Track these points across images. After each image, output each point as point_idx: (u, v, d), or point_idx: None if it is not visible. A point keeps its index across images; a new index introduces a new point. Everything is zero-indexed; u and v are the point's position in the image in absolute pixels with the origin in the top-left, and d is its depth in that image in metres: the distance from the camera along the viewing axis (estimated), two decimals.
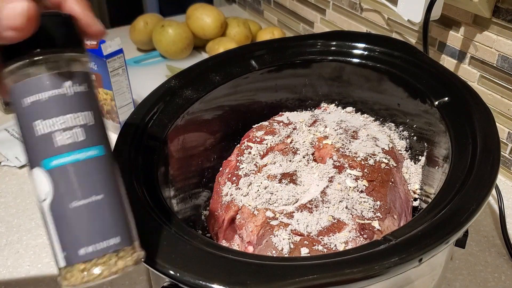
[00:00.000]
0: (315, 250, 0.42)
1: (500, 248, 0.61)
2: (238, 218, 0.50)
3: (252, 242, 0.47)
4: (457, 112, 0.50)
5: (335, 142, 0.55)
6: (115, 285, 0.57)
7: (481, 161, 0.42)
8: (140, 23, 1.08)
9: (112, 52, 0.76)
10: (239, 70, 0.61)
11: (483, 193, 0.39)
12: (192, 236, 0.38)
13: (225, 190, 0.53)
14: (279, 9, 1.20)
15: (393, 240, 0.36)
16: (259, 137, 0.59)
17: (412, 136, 0.60)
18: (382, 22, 0.87)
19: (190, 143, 0.57)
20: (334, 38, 0.64)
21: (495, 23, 0.66)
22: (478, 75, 0.71)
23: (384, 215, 0.47)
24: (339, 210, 0.47)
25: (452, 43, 0.74)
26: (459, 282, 0.56)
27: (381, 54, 0.61)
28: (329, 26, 1.02)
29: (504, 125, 0.69)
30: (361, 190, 0.49)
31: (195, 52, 1.10)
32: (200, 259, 0.35)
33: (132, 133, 0.49)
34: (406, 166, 0.57)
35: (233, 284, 0.33)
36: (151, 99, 0.54)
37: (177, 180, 0.53)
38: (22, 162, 0.76)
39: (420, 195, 0.55)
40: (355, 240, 0.44)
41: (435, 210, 0.39)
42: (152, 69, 1.03)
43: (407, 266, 0.34)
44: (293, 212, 0.47)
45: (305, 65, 0.64)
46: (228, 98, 0.61)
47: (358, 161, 0.52)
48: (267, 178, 0.52)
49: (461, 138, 0.46)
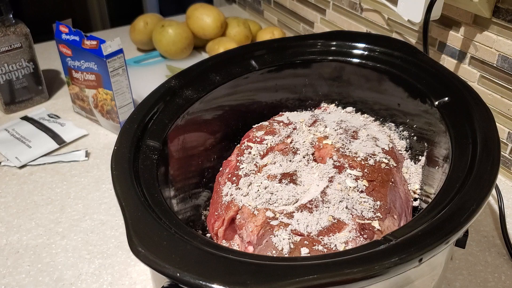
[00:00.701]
0: (315, 250, 0.42)
1: (500, 248, 0.61)
2: (238, 218, 0.50)
3: (252, 242, 0.47)
4: (457, 112, 0.50)
5: (335, 142, 0.55)
6: (115, 285, 0.57)
7: (481, 161, 0.42)
8: (140, 23, 1.08)
9: (112, 52, 0.76)
10: (239, 70, 0.61)
11: (483, 193, 0.39)
12: (192, 236, 0.38)
13: (225, 190, 0.53)
14: (279, 9, 1.20)
15: (393, 240, 0.36)
16: (259, 137, 0.59)
17: (412, 136, 0.60)
18: (382, 22, 0.87)
19: (190, 143, 0.57)
20: (334, 38, 0.64)
21: (495, 23, 0.66)
22: (478, 75, 0.71)
23: (384, 215, 0.47)
24: (339, 210, 0.47)
25: (452, 43, 0.74)
26: (459, 282, 0.56)
27: (381, 54, 0.61)
28: (329, 26, 1.02)
29: (504, 125, 0.69)
30: (361, 190, 0.49)
31: (195, 52, 1.10)
32: (200, 259, 0.35)
33: (132, 133, 0.49)
34: (406, 166, 0.58)
35: (233, 284, 0.33)
36: (151, 99, 0.54)
37: (177, 180, 0.53)
38: (22, 162, 0.76)
39: (420, 195, 0.55)
40: (355, 240, 0.44)
41: (435, 210, 0.39)
42: (152, 69, 1.03)
43: (407, 266, 0.34)
44: (293, 212, 0.47)
45: (305, 65, 0.64)
46: (228, 98, 0.61)
47: (358, 161, 0.52)
48: (267, 178, 0.52)
49: (461, 138, 0.46)
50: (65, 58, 0.83)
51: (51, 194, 0.71)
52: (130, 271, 0.58)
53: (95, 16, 2.01)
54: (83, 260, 0.60)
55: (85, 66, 0.80)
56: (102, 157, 0.79)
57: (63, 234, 0.64)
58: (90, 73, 0.80)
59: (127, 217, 0.39)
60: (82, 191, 0.72)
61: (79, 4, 1.97)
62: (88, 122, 0.88)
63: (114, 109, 0.81)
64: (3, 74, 0.86)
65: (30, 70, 0.90)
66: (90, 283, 0.57)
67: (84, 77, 0.82)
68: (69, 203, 0.69)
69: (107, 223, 0.66)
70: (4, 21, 0.84)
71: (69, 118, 0.88)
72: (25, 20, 0.89)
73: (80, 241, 0.63)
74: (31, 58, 0.89)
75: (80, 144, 0.82)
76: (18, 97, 0.90)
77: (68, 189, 0.72)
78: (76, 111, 0.90)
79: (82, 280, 0.57)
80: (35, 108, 0.93)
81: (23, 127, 0.85)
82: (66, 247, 0.62)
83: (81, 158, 0.78)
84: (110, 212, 0.68)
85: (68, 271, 0.59)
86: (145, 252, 0.35)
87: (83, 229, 0.65)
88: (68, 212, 0.68)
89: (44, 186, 0.73)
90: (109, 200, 0.70)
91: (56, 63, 1.06)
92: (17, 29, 0.86)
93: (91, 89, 0.82)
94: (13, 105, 0.90)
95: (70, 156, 0.78)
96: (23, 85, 0.90)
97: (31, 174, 0.75)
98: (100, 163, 0.77)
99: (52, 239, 0.63)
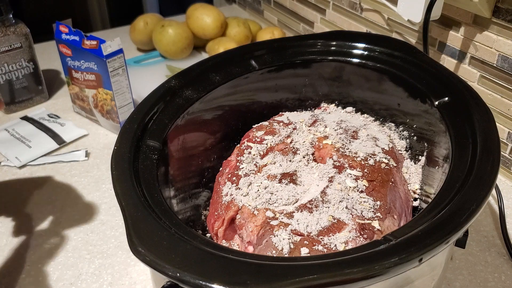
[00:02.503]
0: (315, 250, 0.42)
1: (500, 248, 0.61)
2: (238, 218, 0.50)
3: (252, 242, 0.47)
4: (457, 112, 0.50)
5: (335, 142, 0.55)
6: (115, 285, 0.57)
7: (481, 161, 0.42)
8: (140, 23, 1.08)
9: (112, 52, 0.76)
10: (239, 70, 0.61)
11: (483, 193, 0.39)
12: (192, 236, 0.38)
13: (225, 190, 0.53)
14: (279, 9, 1.20)
15: (393, 240, 0.36)
16: (259, 137, 0.59)
17: (412, 136, 0.60)
18: (382, 22, 0.87)
19: (190, 143, 0.57)
20: (334, 38, 0.64)
21: (495, 23, 0.66)
22: (478, 75, 0.71)
23: (384, 215, 0.47)
24: (339, 210, 0.47)
25: (452, 43, 0.74)
26: (459, 282, 0.56)
27: (381, 54, 0.61)
28: (329, 26, 1.02)
29: (504, 125, 0.69)
30: (361, 190, 0.49)
31: (195, 52, 1.10)
32: (200, 259, 0.35)
33: (132, 133, 0.49)
34: (406, 166, 0.58)
35: (233, 284, 0.33)
36: (151, 99, 0.54)
37: (177, 180, 0.53)
38: (22, 162, 0.76)
39: (420, 195, 0.55)
40: (355, 240, 0.44)
41: (435, 210, 0.39)
42: (152, 69, 1.03)
43: (407, 266, 0.34)
44: (293, 212, 0.47)
45: (305, 65, 0.64)
46: (228, 98, 0.61)
47: (358, 161, 0.52)
48: (267, 178, 0.52)
49: (461, 138, 0.46)
50: (65, 58, 0.83)
51: (51, 194, 0.71)
52: (130, 271, 0.58)
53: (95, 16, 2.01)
54: (83, 260, 0.60)
55: (85, 66, 0.80)
56: (102, 157, 0.79)
57: (63, 234, 0.64)
58: (90, 73, 0.80)
59: (127, 217, 0.39)
60: (82, 191, 0.72)
61: (79, 4, 1.97)
62: (88, 122, 0.88)
63: (114, 109, 0.81)
64: (3, 74, 0.86)
65: (30, 70, 0.90)
66: (90, 283, 0.57)
67: (84, 77, 0.82)
68: (69, 203, 0.69)
69: (107, 223, 0.66)
70: (4, 21, 0.84)
71: (69, 118, 0.88)
72: (25, 20, 0.89)
73: (80, 241, 0.63)
74: (31, 58, 0.89)
75: (80, 144, 0.82)
76: (18, 97, 0.90)
77: (68, 189, 0.72)
78: (76, 111, 0.90)
79: (82, 280, 0.57)
80: (35, 108, 0.93)
81: (23, 127, 0.85)
82: (66, 247, 0.62)
83: (81, 158, 0.78)
84: (110, 212, 0.68)
85: (68, 271, 0.59)
86: (145, 252, 0.35)
87: (83, 229, 0.65)
88: (68, 212, 0.68)
89: (44, 186, 0.73)
90: (109, 200, 0.70)
91: (56, 63, 1.06)
92: (17, 29, 0.86)
93: (91, 89, 0.82)
94: (13, 105, 0.90)
95: (70, 156, 0.78)
96: (23, 85, 0.90)
97: (31, 174, 0.75)
98: (100, 163, 0.77)
99: (52, 239, 0.63)
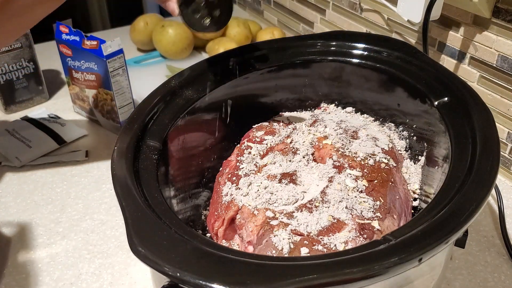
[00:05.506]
0: (315, 250, 0.42)
1: (500, 248, 0.61)
2: (238, 218, 0.50)
3: (252, 242, 0.47)
4: (457, 112, 0.50)
5: (335, 142, 0.55)
6: (115, 285, 0.57)
7: (481, 161, 0.42)
8: (140, 23, 1.08)
9: (112, 52, 0.76)
10: (239, 71, 0.61)
11: (483, 193, 0.39)
12: (192, 236, 0.38)
13: (225, 190, 0.53)
14: (279, 9, 1.20)
15: (393, 240, 0.36)
16: (259, 137, 0.59)
17: (412, 136, 0.60)
18: (382, 22, 0.87)
19: (190, 143, 0.57)
20: (334, 38, 0.64)
21: (495, 23, 0.66)
22: (478, 75, 0.71)
23: (384, 215, 0.47)
24: (339, 210, 0.47)
25: (452, 43, 0.74)
26: (459, 282, 0.56)
27: (381, 54, 0.61)
28: (329, 26, 1.02)
29: (504, 125, 0.69)
30: (361, 190, 0.49)
31: (195, 52, 1.10)
32: (200, 259, 0.35)
33: (132, 133, 0.49)
34: (406, 166, 0.58)
35: (233, 284, 0.33)
36: (151, 99, 0.54)
37: (177, 180, 0.53)
38: (22, 162, 0.76)
39: (420, 195, 0.55)
40: (355, 240, 0.44)
41: (435, 210, 0.39)
42: (152, 69, 1.03)
43: (407, 266, 0.34)
44: (293, 212, 0.47)
45: (305, 65, 0.64)
46: (228, 98, 0.61)
47: (358, 161, 0.52)
48: (267, 178, 0.52)
49: (461, 138, 0.46)
50: (65, 58, 0.83)
51: (51, 194, 0.71)
52: (130, 271, 0.58)
53: (95, 16, 2.01)
54: (83, 260, 0.60)
55: (85, 66, 0.80)
56: (102, 157, 0.79)
57: (63, 234, 0.64)
58: (90, 73, 0.80)
59: (127, 217, 0.39)
60: (82, 191, 0.72)
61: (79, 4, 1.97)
62: (88, 122, 0.88)
63: (114, 109, 0.81)
64: (3, 74, 0.86)
65: (30, 70, 0.90)
66: (90, 283, 0.57)
67: (84, 77, 0.82)
68: (69, 203, 0.69)
69: (107, 223, 0.66)
70: None
71: (69, 118, 0.88)
72: None
73: (80, 241, 0.63)
74: (31, 58, 0.89)
75: (80, 144, 0.82)
76: (18, 97, 0.90)
77: (68, 189, 0.72)
78: (76, 111, 0.90)
79: (82, 280, 0.57)
80: (35, 108, 0.93)
81: (23, 127, 0.85)
82: (66, 247, 0.62)
83: (81, 158, 0.78)
84: (110, 212, 0.68)
85: (68, 271, 0.59)
86: (145, 252, 0.35)
87: (83, 229, 0.65)
88: (68, 212, 0.68)
89: (44, 186, 0.73)
90: (109, 200, 0.70)
91: (56, 63, 1.06)
92: None
93: (91, 89, 0.82)
94: (13, 105, 0.90)
95: (70, 156, 0.78)
96: (23, 85, 0.90)
97: (31, 174, 0.75)
98: (100, 163, 0.77)
99: (52, 239, 0.63)
